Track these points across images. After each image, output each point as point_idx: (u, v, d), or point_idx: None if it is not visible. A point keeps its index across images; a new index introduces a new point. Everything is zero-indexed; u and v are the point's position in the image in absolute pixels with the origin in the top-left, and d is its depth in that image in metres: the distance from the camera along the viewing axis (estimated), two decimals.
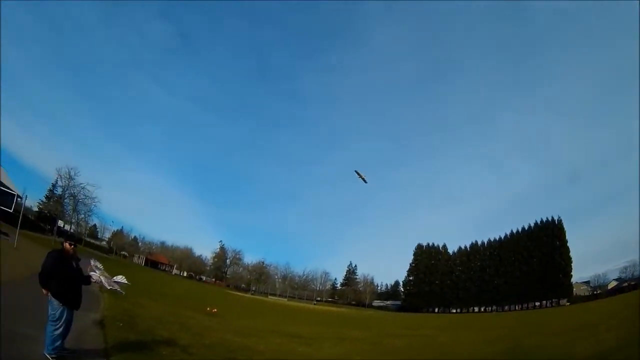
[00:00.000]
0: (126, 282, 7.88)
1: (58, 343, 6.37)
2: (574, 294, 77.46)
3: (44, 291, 6.43)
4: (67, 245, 6.76)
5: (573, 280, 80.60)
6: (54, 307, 6.37)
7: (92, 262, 7.43)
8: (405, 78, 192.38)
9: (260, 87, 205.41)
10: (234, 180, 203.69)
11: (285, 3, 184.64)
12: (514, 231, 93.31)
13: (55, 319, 6.35)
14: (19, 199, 34.73)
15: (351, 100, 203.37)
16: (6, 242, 23.67)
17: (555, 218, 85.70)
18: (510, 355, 12.85)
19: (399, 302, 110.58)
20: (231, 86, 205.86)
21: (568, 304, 69.81)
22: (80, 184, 49.34)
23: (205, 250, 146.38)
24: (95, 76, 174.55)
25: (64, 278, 6.45)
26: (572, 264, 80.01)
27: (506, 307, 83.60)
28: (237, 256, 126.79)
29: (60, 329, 6.38)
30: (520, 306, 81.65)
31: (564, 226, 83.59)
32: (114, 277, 7.71)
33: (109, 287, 7.33)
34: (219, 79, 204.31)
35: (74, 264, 6.78)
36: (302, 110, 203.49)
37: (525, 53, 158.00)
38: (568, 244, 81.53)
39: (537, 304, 78.09)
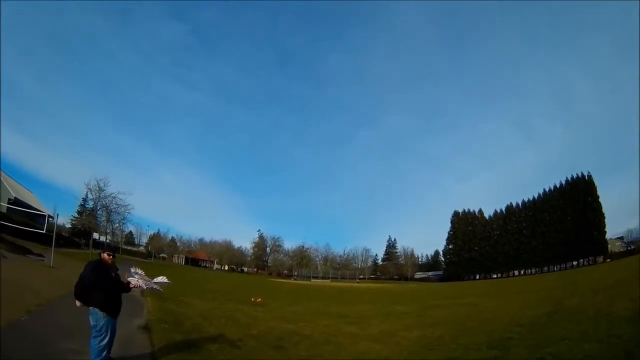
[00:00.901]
0: (167, 281, 7.68)
1: (104, 354, 6.30)
2: (609, 250, 76.21)
3: (77, 303, 6.33)
4: (105, 255, 6.71)
5: (607, 236, 79.04)
6: (96, 318, 6.26)
7: (132, 270, 7.28)
8: (426, 48, 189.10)
9: (282, 74, 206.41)
10: (266, 168, 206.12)
11: None
12: (547, 190, 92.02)
13: (98, 330, 6.26)
14: (50, 219, 35.42)
15: (374, 77, 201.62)
16: (41, 263, 24.03)
17: (585, 174, 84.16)
18: (553, 317, 12.58)
19: (440, 272, 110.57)
20: (253, 75, 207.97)
21: (603, 261, 69.01)
22: (111, 193, 49.71)
23: (245, 241, 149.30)
24: (115, 83, 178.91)
25: (104, 288, 6.32)
26: (605, 220, 78.55)
27: (545, 269, 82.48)
28: (277, 243, 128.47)
29: (106, 340, 6.32)
30: (558, 266, 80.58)
31: (595, 181, 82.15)
32: (155, 279, 7.55)
33: (146, 287, 7.14)
34: (239, 70, 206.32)
35: (112, 274, 6.66)
36: (327, 92, 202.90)
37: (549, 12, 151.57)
38: (600, 200, 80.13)
39: (575, 263, 76.93)
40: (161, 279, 7.64)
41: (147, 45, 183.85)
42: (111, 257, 6.72)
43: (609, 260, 67.46)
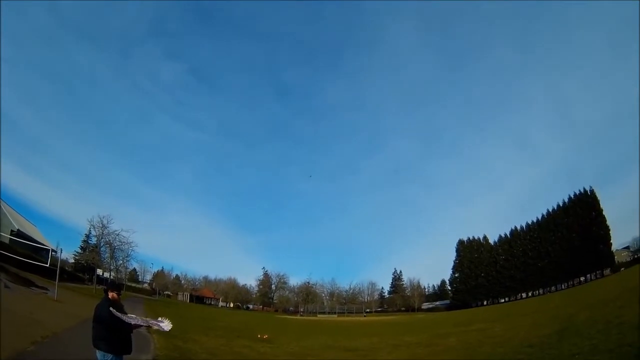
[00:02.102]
0: (169, 325, 7.15)
1: None
2: (616, 262, 75.65)
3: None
4: (114, 295, 6.62)
5: (613, 248, 78.25)
6: (103, 355, 6.20)
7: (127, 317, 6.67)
8: (423, 72, 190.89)
9: (282, 107, 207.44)
10: (271, 203, 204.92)
11: (288, 17, 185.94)
12: (550, 210, 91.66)
13: None
14: (54, 253, 35.64)
15: (375, 105, 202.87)
16: (46, 295, 24.24)
17: (587, 188, 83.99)
18: (563, 334, 12.70)
19: (447, 301, 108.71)
20: (253, 110, 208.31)
21: (611, 273, 68.62)
22: (115, 230, 50.04)
23: (250, 278, 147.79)
24: (118, 123, 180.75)
25: (118, 331, 6.26)
26: (610, 232, 77.77)
27: (552, 288, 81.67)
28: (282, 280, 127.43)
29: None
30: (566, 284, 79.61)
31: (597, 195, 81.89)
32: (158, 319, 7.28)
33: (149, 325, 6.82)
34: (239, 106, 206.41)
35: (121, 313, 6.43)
36: (329, 122, 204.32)
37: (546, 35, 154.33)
38: (604, 213, 79.46)
39: (582, 278, 76.28)
40: (162, 319, 7.23)
41: (148, 85, 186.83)
42: (119, 295, 6.75)
43: (614, 272, 67.57)
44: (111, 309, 6.18)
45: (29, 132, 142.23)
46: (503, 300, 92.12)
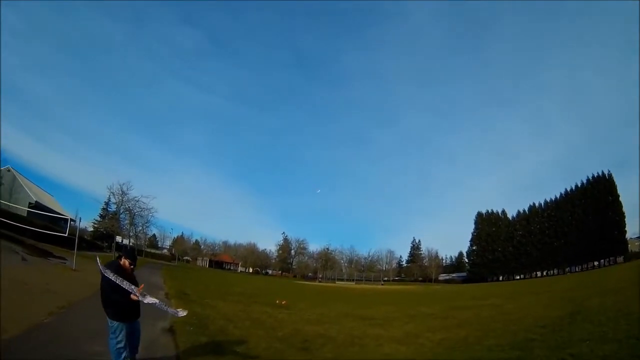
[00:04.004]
0: (184, 312, 7.34)
1: (124, 354, 6.31)
2: (630, 250, 75.33)
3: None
4: (126, 262, 6.59)
5: (627, 236, 78.28)
6: (109, 321, 6.30)
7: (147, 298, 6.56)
8: (441, 45, 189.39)
9: (298, 74, 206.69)
10: (290, 169, 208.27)
11: None
12: (568, 189, 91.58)
13: (113, 332, 6.27)
14: (72, 222, 36.28)
15: (393, 76, 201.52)
16: (63, 265, 24.65)
17: (606, 172, 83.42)
18: (574, 318, 12.80)
19: (464, 274, 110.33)
20: (268, 77, 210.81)
21: (624, 261, 68.29)
22: (135, 197, 50.81)
23: (269, 243, 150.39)
24: (132, 89, 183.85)
25: (119, 298, 6.16)
26: (625, 219, 77.79)
27: (567, 269, 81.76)
28: (302, 245, 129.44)
29: (123, 341, 6.29)
30: (579, 267, 79.94)
31: (615, 180, 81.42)
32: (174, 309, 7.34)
33: (157, 306, 6.68)
34: (254, 72, 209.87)
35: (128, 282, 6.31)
36: (346, 91, 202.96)
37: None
38: (620, 199, 79.24)
39: (596, 263, 76.23)
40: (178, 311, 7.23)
41: (162, 51, 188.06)
42: (132, 266, 6.69)
43: (626, 260, 67.54)
44: (106, 269, 6.14)
45: (45, 104, 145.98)
46: (518, 277, 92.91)
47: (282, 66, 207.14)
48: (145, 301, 6.33)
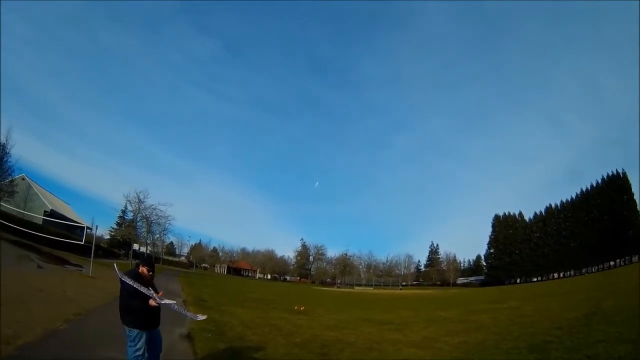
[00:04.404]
0: (203, 317, 7.45)
1: None
2: None
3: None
4: (144, 269, 6.52)
5: None
6: (127, 329, 6.21)
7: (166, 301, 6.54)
8: (457, 49, 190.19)
9: (316, 81, 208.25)
10: (306, 175, 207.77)
11: None
12: (584, 189, 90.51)
13: (132, 340, 6.16)
14: (88, 230, 36.70)
15: (410, 80, 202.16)
16: (80, 273, 24.87)
17: (620, 171, 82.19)
18: (590, 319, 12.81)
19: (482, 277, 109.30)
20: (287, 85, 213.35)
21: (638, 260, 67.27)
22: (152, 205, 51.34)
23: (287, 250, 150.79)
24: (151, 100, 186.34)
25: (138, 306, 6.12)
26: None
27: (583, 270, 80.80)
28: (320, 251, 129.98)
29: (142, 349, 6.18)
30: (596, 267, 78.91)
31: (629, 178, 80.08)
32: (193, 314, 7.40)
33: (176, 310, 6.72)
34: (273, 80, 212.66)
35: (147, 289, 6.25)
36: (363, 96, 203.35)
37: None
38: (635, 197, 77.78)
39: (612, 263, 75.05)
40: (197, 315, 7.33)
41: (179, 61, 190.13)
42: (150, 273, 6.60)
43: None
44: (125, 276, 6.13)
45: (63, 114, 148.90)
46: (535, 279, 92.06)
47: (300, 74, 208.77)
48: (163, 302, 6.32)
